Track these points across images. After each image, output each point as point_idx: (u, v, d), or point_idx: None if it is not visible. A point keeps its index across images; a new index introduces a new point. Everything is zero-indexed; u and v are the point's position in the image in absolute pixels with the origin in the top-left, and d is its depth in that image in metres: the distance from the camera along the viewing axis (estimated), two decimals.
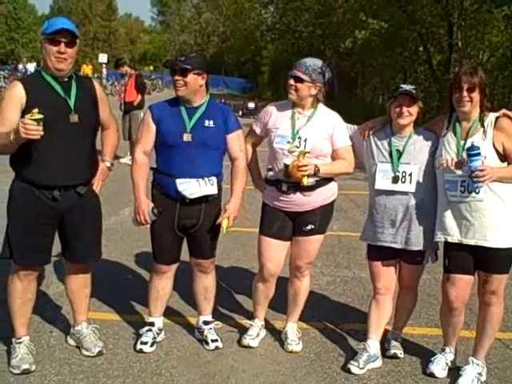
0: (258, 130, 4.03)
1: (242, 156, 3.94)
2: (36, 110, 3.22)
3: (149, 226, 3.88)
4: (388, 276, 3.91)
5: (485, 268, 3.60)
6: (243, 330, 4.18)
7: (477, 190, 3.46)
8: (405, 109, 3.66)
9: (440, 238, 3.66)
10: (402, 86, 3.76)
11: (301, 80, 3.75)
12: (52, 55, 3.44)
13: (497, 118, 3.52)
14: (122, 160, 11.17)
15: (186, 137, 3.74)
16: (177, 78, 3.71)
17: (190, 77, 3.69)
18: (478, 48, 19.91)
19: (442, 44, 19.95)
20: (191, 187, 3.74)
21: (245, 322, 4.24)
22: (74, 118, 3.49)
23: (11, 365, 3.63)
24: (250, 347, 4.03)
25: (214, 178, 3.80)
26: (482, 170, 3.35)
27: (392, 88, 4.00)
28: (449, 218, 3.59)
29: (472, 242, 3.55)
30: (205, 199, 3.80)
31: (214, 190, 3.80)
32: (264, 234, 3.99)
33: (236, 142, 3.90)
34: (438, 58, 21.13)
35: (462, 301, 3.69)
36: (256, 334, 4.10)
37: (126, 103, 11.41)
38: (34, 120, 3.19)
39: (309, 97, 3.81)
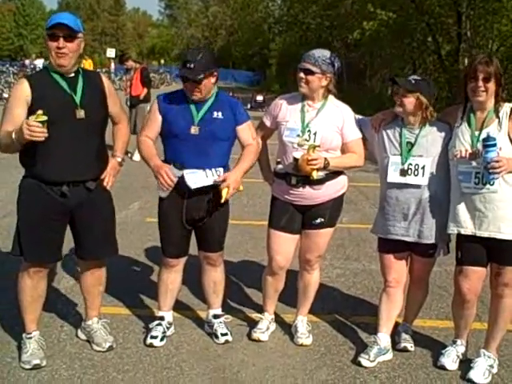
0: (267, 123, 4.01)
1: (255, 143, 3.92)
2: (41, 112, 3.20)
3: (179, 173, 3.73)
4: (399, 268, 3.89)
5: (498, 260, 3.57)
6: (253, 324, 4.18)
7: (491, 182, 3.42)
8: (399, 98, 3.64)
9: (453, 230, 3.63)
10: (410, 77, 3.73)
11: (311, 72, 3.72)
12: (53, 51, 3.42)
13: None
14: (135, 158, 11.18)
15: (194, 129, 3.72)
16: (190, 86, 3.68)
17: (204, 82, 3.66)
18: (487, 37, 19.74)
19: (451, 34, 19.81)
20: (196, 177, 3.71)
21: (254, 315, 4.24)
22: (81, 113, 3.47)
23: (22, 360, 3.64)
24: (260, 341, 4.02)
25: (221, 169, 3.78)
26: (497, 161, 3.31)
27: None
28: (462, 210, 3.55)
29: (486, 234, 3.51)
30: (211, 190, 3.78)
31: (218, 178, 3.76)
32: (273, 228, 3.97)
33: (247, 132, 3.89)
34: (447, 48, 21.00)
35: (475, 293, 3.67)
36: (266, 327, 4.10)
37: (132, 97, 11.43)
38: (39, 122, 3.18)
39: (320, 88, 3.78)
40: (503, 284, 3.60)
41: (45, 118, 3.19)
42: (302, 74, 3.74)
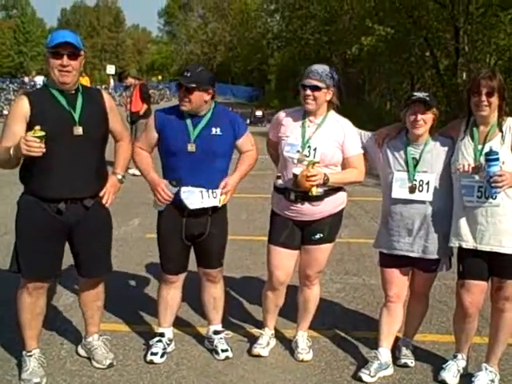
0: (272, 137, 4.04)
1: (254, 149, 3.97)
2: (38, 127, 3.21)
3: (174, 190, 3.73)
4: (400, 284, 3.89)
5: (499, 274, 3.57)
6: (253, 340, 4.17)
7: (494, 196, 3.42)
8: (419, 116, 3.60)
9: (454, 243, 3.63)
10: (415, 93, 3.71)
11: (318, 88, 3.73)
12: (55, 68, 3.44)
13: None
14: (129, 171, 11.20)
15: (190, 147, 3.74)
16: (181, 94, 3.72)
17: (195, 94, 3.69)
18: (484, 52, 19.86)
19: (449, 49, 19.93)
20: (193, 198, 3.73)
21: (255, 330, 4.23)
22: (78, 130, 3.48)
23: (22, 378, 3.63)
24: (261, 356, 4.01)
25: (217, 191, 3.79)
26: (500, 176, 3.32)
27: (399, 94, 3.99)
28: (464, 223, 3.56)
29: (487, 248, 3.51)
30: (211, 208, 3.80)
31: (215, 203, 3.79)
32: (273, 243, 3.97)
33: (247, 142, 3.95)
34: (445, 62, 21.12)
35: (477, 307, 3.66)
36: (266, 343, 4.09)
37: (132, 113, 11.50)
38: (37, 137, 3.19)
39: (324, 103, 3.81)
40: (504, 298, 3.60)
41: (42, 133, 3.20)
42: (308, 91, 3.74)
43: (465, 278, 3.64)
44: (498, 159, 3.33)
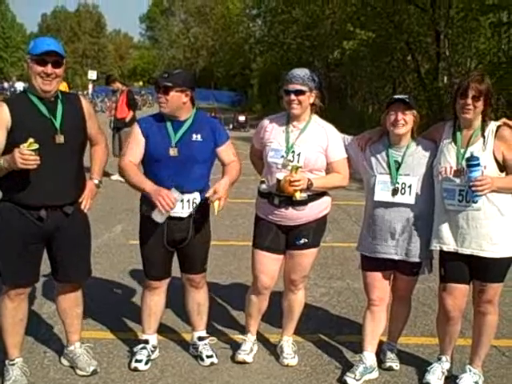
0: (256, 145, 4.04)
1: (237, 160, 3.93)
2: (32, 140, 3.22)
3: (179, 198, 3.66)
4: (383, 287, 3.90)
5: (480, 277, 3.59)
6: (237, 345, 4.15)
7: (475, 200, 3.44)
8: (400, 116, 3.62)
9: (435, 246, 3.65)
10: (395, 96, 3.74)
11: (302, 92, 3.74)
12: (38, 76, 3.42)
13: (498, 127, 3.50)
14: (112, 177, 11.15)
15: (172, 151, 3.73)
16: (159, 95, 3.72)
17: (172, 94, 3.68)
18: (465, 56, 20.08)
19: (430, 53, 20.13)
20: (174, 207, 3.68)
21: (237, 337, 4.21)
22: (60, 138, 3.46)
23: None
24: (246, 362, 4.00)
25: (197, 199, 3.76)
26: (481, 180, 3.33)
27: (381, 98, 4.01)
28: (445, 226, 3.58)
29: (468, 252, 3.53)
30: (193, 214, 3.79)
31: (193, 212, 3.76)
32: (257, 248, 3.96)
33: (228, 151, 3.91)
34: (426, 66, 21.32)
35: (459, 310, 3.69)
36: (249, 349, 4.07)
37: (117, 120, 11.27)
38: (32, 150, 3.22)
39: (308, 106, 3.82)
40: (486, 301, 3.62)
41: (36, 146, 3.23)
42: (293, 96, 3.74)
43: (446, 282, 3.66)
44: (479, 164, 3.35)
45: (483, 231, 3.49)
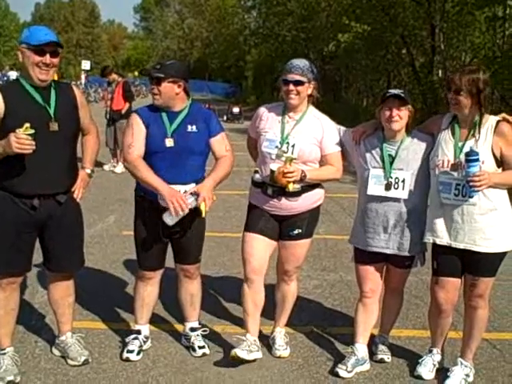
0: (252, 134, 4.03)
1: (230, 154, 3.90)
2: (28, 125, 3.22)
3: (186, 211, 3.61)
4: (375, 279, 3.90)
5: (473, 271, 3.59)
6: (229, 336, 4.14)
7: (472, 195, 3.43)
8: (395, 112, 3.60)
9: (429, 239, 3.65)
10: (390, 90, 3.71)
11: (301, 83, 3.72)
12: (35, 65, 3.40)
13: (497, 122, 3.47)
14: (105, 167, 11.11)
15: (169, 142, 3.71)
16: (151, 86, 3.70)
17: (164, 85, 3.66)
18: (460, 50, 20.10)
19: (425, 46, 20.13)
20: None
21: (236, 337, 3.94)
22: (54, 126, 3.45)
23: None
24: (239, 357, 3.75)
25: (192, 191, 3.69)
26: (479, 176, 3.32)
27: (376, 91, 4.00)
28: (439, 220, 3.57)
29: (461, 246, 3.53)
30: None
31: (193, 204, 3.68)
32: (249, 231, 3.91)
33: (221, 143, 3.88)
34: (421, 60, 21.33)
35: (451, 303, 3.70)
36: (248, 348, 3.78)
37: (113, 111, 11.13)
38: (28, 135, 3.21)
39: (306, 97, 3.80)
40: (477, 295, 3.63)
41: (32, 131, 3.23)
42: (291, 86, 3.72)
43: (439, 275, 3.66)
44: (478, 160, 3.33)
45: (477, 226, 3.49)
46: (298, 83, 3.73)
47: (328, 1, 26.71)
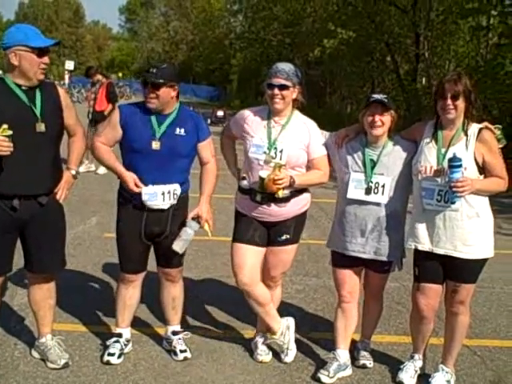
0: (233, 131, 4.01)
1: (214, 161, 3.92)
2: (6, 126, 3.19)
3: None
4: (352, 283, 3.90)
5: (453, 277, 3.61)
6: (212, 340, 4.11)
7: (454, 201, 3.45)
8: (377, 117, 3.61)
9: (411, 245, 3.66)
10: (374, 95, 3.71)
11: (286, 87, 3.70)
12: (36, 66, 3.40)
13: (480, 130, 3.50)
14: (80, 168, 10.99)
15: (155, 144, 3.69)
16: (148, 91, 3.66)
17: (163, 90, 3.65)
18: (444, 58, 20.30)
19: (409, 54, 20.31)
20: (155, 200, 3.70)
21: (213, 331, 4.04)
22: (41, 127, 3.42)
23: None
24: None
25: (178, 191, 3.76)
26: (462, 182, 3.35)
27: (360, 97, 4.01)
28: (421, 226, 3.59)
29: (442, 252, 3.55)
30: (171, 207, 3.76)
31: (174, 202, 3.77)
32: (238, 241, 3.89)
33: (208, 149, 3.88)
34: (406, 67, 21.52)
35: (432, 309, 3.71)
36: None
37: (96, 112, 10.98)
38: (5, 136, 3.19)
39: (291, 102, 3.79)
40: (459, 302, 3.65)
41: (10, 132, 3.20)
42: (276, 91, 3.70)
43: (420, 281, 3.68)
44: (461, 166, 3.35)
45: (459, 232, 3.51)
46: (283, 87, 3.70)
47: (314, 6, 26.84)
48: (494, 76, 14.91)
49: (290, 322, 4.04)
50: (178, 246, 3.72)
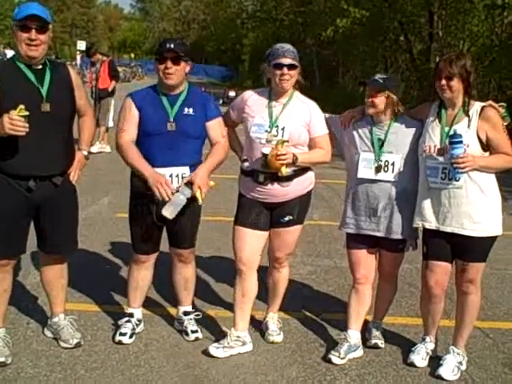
0: (233, 116, 3.96)
1: (224, 141, 3.88)
2: (23, 107, 3.19)
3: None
4: (367, 265, 3.90)
5: (461, 256, 3.61)
6: (222, 321, 4.12)
7: (457, 178, 3.46)
8: (370, 98, 3.66)
9: (418, 224, 3.67)
10: (375, 76, 3.74)
11: (295, 67, 3.70)
12: (23, 42, 3.36)
13: (482, 108, 3.50)
14: (92, 149, 11.05)
15: (170, 126, 3.68)
16: (169, 65, 3.62)
17: (182, 64, 3.64)
18: (458, 37, 20.00)
19: (423, 33, 20.06)
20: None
21: (223, 312, 4.06)
22: (46, 107, 3.41)
23: None
24: (212, 356, 3.75)
25: (186, 174, 3.69)
26: (462, 158, 3.36)
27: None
28: (428, 204, 3.60)
29: (448, 230, 3.55)
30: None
31: (189, 193, 3.66)
32: (240, 225, 3.87)
33: (217, 128, 3.85)
34: (419, 47, 21.26)
35: (441, 287, 3.71)
36: (226, 344, 3.78)
37: (99, 90, 11.26)
38: (21, 116, 3.18)
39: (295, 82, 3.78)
40: (468, 280, 3.64)
41: (27, 113, 3.20)
42: (285, 70, 3.67)
43: (428, 259, 3.69)
44: (461, 142, 3.37)
45: (465, 209, 3.51)
46: (292, 67, 3.69)
47: None
48: (509, 55, 14.71)
49: (248, 346, 3.88)
50: (167, 211, 3.60)
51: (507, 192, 3.45)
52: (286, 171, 3.66)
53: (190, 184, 3.64)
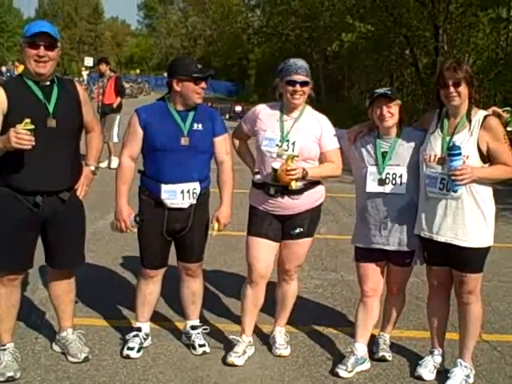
0: (245, 129, 4.03)
1: (229, 159, 3.94)
2: (28, 120, 3.22)
3: (134, 230, 3.84)
4: (376, 278, 3.91)
5: (458, 267, 3.62)
6: (229, 340, 4.12)
7: (455, 189, 3.46)
8: (385, 110, 3.66)
9: (416, 231, 3.71)
10: (376, 90, 3.78)
11: (307, 83, 3.76)
12: (31, 59, 3.41)
13: (485, 117, 3.50)
14: (101, 165, 11.08)
15: (184, 141, 3.73)
16: (196, 87, 3.72)
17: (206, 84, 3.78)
18: (463, 51, 20.05)
19: (428, 47, 20.09)
20: (174, 198, 3.74)
21: (232, 337, 4.04)
22: (52, 122, 3.45)
23: None
24: (235, 365, 3.83)
25: (197, 189, 3.79)
26: (461, 170, 3.36)
27: None
28: (424, 213, 3.62)
29: (442, 239, 3.57)
30: (193, 204, 3.79)
31: (194, 201, 3.80)
32: (253, 235, 3.92)
33: (223, 145, 3.90)
34: (424, 61, 21.30)
35: (444, 287, 3.77)
36: (242, 351, 3.89)
37: (105, 105, 11.25)
38: (27, 130, 3.21)
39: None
40: (468, 292, 3.65)
41: (32, 126, 3.22)
42: (298, 87, 3.73)
43: (428, 264, 3.78)
44: (460, 154, 3.37)
45: (459, 220, 3.52)
46: (304, 84, 3.74)
47: (332, 0, 26.66)
48: None
49: (250, 349, 4.00)
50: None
51: None
52: (296, 185, 3.69)
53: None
